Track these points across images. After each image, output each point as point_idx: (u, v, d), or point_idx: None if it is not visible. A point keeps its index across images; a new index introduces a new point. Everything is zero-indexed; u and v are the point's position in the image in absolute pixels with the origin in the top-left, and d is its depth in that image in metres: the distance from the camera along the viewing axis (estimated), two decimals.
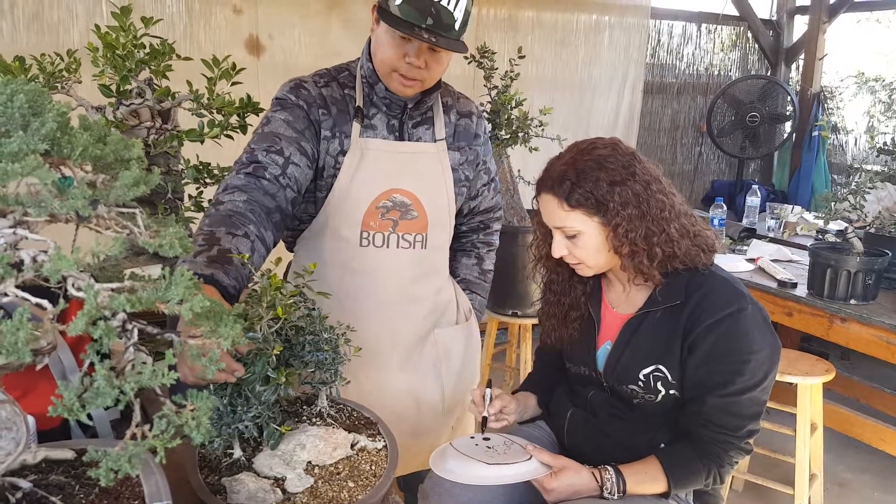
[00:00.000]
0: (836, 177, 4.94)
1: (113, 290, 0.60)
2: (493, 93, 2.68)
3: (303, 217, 1.53)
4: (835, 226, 3.29)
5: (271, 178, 1.34)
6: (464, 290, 1.75)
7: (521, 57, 2.69)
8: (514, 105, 2.69)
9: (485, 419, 1.40)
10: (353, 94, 1.48)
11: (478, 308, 1.76)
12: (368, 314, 1.51)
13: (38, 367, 0.64)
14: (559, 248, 1.34)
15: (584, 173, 1.27)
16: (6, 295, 0.60)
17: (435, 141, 1.54)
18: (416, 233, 1.51)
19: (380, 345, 1.54)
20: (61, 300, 0.60)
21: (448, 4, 1.32)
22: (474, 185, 1.66)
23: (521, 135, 2.70)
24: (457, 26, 1.35)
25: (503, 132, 2.68)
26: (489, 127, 1.68)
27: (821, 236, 3.32)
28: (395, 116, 1.50)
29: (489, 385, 1.45)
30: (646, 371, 1.33)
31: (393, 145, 1.49)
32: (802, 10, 5.06)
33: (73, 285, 0.60)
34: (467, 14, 1.37)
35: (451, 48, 1.34)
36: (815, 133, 4.84)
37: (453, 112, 1.58)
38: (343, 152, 1.45)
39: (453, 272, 1.75)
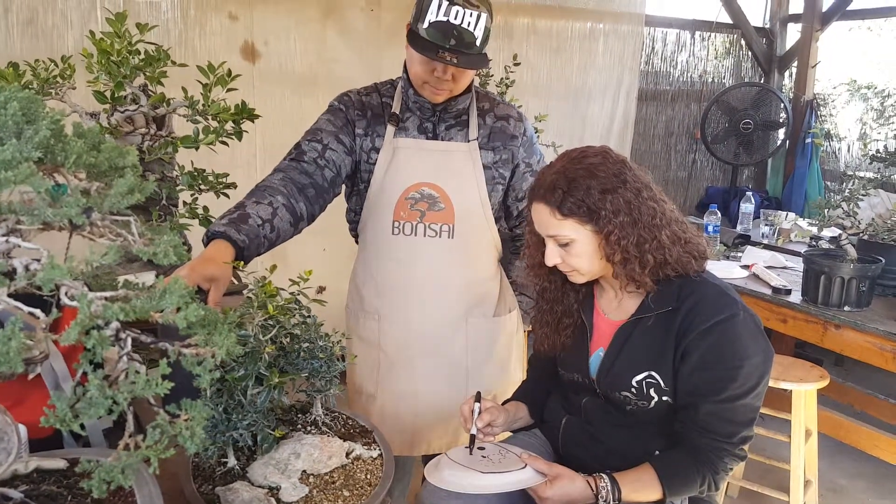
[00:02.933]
0: (829, 184, 4.96)
1: (106, 298, 0.60)
2: None
3: (356, 209, 1.74)
4: (828, 232, 3.29)
5: (310, 160, 1.59)
6: (514, 291, 1.88)
7: (517, 64, 2.70)
8: None
9: (473, 437, 1.39)
10: (391, 102, 1.68)
11: (525, 310, 1.88)
12: (400, 297, 1.70)
13: (31, 376, 0.64)
14: (552, 257, 1.34)
15: (575, 182, 1.27)
16: None
17: (468, 141, 1.67)
18: (442, 223, 1.66)
19: (410, 326, 1.71)
20: (54, 309, 0.60)
21: (468, 26, 1.47)
22: (519, 187, 1.76)
23: None
24: (478, 42, 1.50)
25: None
26: (532, 131, 1.77)
27: (815, 243, 3.33)
28: (428, 119, 1.67)
29: (478, 399, 1.44)
30: (638, 378, 1.33)
31: (423, 143, 1.66)
32: (795, 18, 5.10)
33: (66, 294, 0.59)
34: (487, 31, 1.51)
35: (471, 66, 1.51)
36: (809, 140, 4.86)
37: (490, 115, 1.71)
38: (375, 149, 1.66)
39: (508, 273, 1.88)
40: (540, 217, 1.33)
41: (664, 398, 1.33)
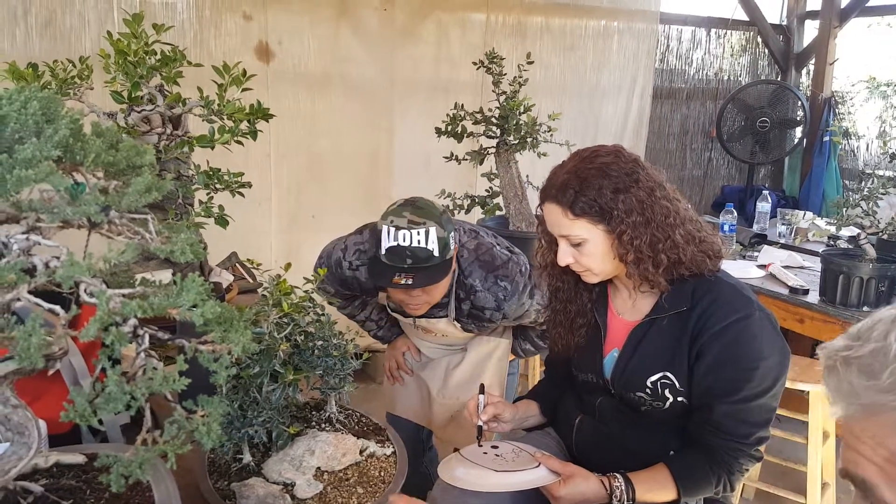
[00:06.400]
0: (847, 182, 4.89)
1: (125, 295, 0.60)
2: (502, 98, 2.68)
3: None
4: (847, 232, 3.25)
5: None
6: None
7: (530, 62, 2.69)
8: (522, 110, 2.69)
9: (480, 429, 1.40)
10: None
11: (521, 350, 2.01)
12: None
13: (50, 372, 0.64)
14: (565, 257, 1.33)
15: (587, 181, 1.26)
16: (19, 300, 0.60)
17: (446, 317, 1.77)
18: (433, 334, 1.89)
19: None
20: (73, 306, 0.60)
21: (419, 244, 1.50)
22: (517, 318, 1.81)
23: (529, 140, 2.69)
24: (435, 253, 1.52)
25: (511, 137, 2.68)
26: (520, 299, 1.74)
27: (833, 242, 3.29)
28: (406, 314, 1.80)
29: (482, 391, 1.45)
30: (653, 378, 1.32)
31: (407, 326, 1.93)
32: (813, 14, 5.04)
33: (85, 290, 0.60)
34: (442, 240, 1.53)
35: (429, 282, 1.54)
36: (826, 138, 4.80)
37: (466, 303, 1.73)
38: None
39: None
40: (552, 217, 1.32)
41: (679, 399, 1.32)
